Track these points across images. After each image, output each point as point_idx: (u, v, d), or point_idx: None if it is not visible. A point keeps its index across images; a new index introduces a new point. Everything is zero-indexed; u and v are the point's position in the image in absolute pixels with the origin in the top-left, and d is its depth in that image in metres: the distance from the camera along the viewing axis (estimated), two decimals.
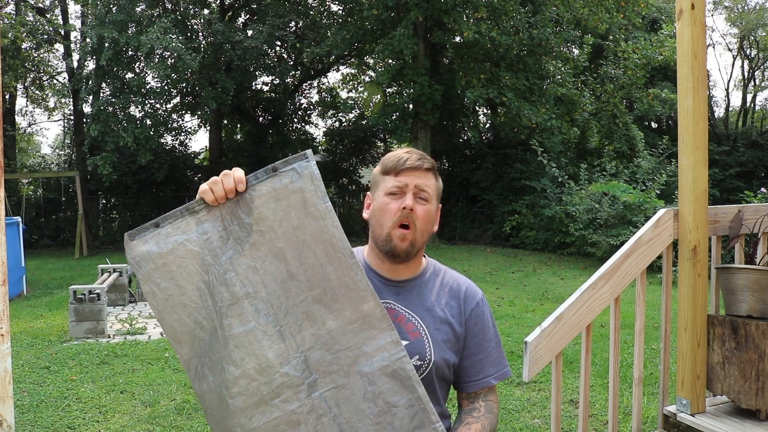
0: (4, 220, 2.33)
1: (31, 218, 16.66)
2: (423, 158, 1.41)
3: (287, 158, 1.29)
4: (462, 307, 1.44)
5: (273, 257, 1.23)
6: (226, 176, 1.27)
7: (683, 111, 2.65)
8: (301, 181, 1.26)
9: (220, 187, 1.25)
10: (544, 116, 13.79)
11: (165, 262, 1.24)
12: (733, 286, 2.67)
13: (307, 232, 1.24)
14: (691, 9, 2.62)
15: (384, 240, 1.38)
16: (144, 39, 13.00)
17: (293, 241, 1.24)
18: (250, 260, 1.23)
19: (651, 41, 14.98)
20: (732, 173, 17.98)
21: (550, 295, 8.31)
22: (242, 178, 1.26)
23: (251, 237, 1.24)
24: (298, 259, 1.23)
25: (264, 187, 1.26)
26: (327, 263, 1.24)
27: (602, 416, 3.79)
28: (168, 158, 18.06)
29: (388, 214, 1.37)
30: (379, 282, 1.42)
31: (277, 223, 1.24)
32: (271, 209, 1.25)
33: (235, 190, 1.26)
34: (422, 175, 1.39)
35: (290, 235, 1.24)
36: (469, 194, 17.44)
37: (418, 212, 1.36)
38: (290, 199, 1.25)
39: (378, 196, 1.41)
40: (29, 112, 22.06)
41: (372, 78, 19.64)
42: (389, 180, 1.39)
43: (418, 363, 1.35)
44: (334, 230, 1.25)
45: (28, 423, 3.83)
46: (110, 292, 7.60)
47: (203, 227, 1.25)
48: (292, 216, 1.24)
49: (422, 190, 1.38)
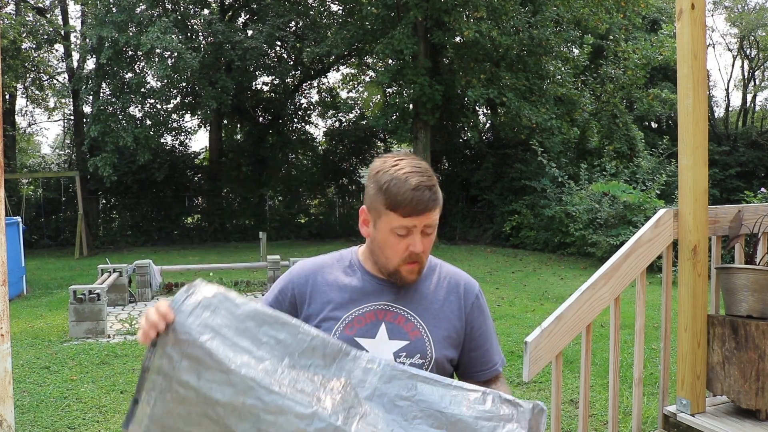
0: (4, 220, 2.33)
1: (31, 218, 16.66)
2: (432, 190, 1.29)
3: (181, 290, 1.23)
4: (462, 302, 1.44)
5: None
6: (149, 316, 1.18)
7: (683, 111, 2.65)
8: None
9: (148, 326, 1.16)
10: (544, 116, 13.79)
11: (164, 425, 1.16)
12: (733, 286, 2.67)
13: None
14: (691, 9, 2.62)
15: (391, 273, 1.37)
16: (144, 39, 13.00)
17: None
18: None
19: (651, 41, 14.98)
20: (732, 173, 17.97)
21: (550, 295, 8.31)
22: (165, 312, 1.16)
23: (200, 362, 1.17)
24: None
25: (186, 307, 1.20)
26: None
27: (602, 416, 3.79)
28: (168, 158, 18.07)
29: (395, 253, 1.33)
30: (377, 283, 1.41)
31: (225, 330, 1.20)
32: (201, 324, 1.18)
33: (163, 321, 1.16)
34: (432, 214, 1.31)
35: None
36: (469, 194, 17.44)
37: (425, 246, 1.34)
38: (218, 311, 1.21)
39: (381, 228, 1.33)
40: (29, 112, 22.06)
41: (372, 78, 19.64)
42: (395, 219, 1.29)
43: (419, 362, 1.35)
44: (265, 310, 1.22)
45: (28, 423, 3.83)
46: (110, 292, 7.60)
47: (168, 373, 1.17)
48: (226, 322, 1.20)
49: (430, 227, 1.33)
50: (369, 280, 1.41)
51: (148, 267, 8.34)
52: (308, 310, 1.41)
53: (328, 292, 1.41)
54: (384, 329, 1.36)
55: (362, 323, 1.36)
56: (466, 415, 1.18)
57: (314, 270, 1.45)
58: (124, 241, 17.31)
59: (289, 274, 1.47)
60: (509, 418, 1.19)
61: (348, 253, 1.48)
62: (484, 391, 1.21)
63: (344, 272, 1.44)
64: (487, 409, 1.19)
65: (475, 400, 1.20)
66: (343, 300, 1.39)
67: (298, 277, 1.45)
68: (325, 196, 20.34)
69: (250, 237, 17.72)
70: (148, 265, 8.35)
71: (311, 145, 20.83)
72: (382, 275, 1.41)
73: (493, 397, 1.20)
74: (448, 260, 1.55)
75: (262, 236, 10.91)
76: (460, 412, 1.18)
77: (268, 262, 8.65)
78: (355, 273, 1.43)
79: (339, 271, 1.44)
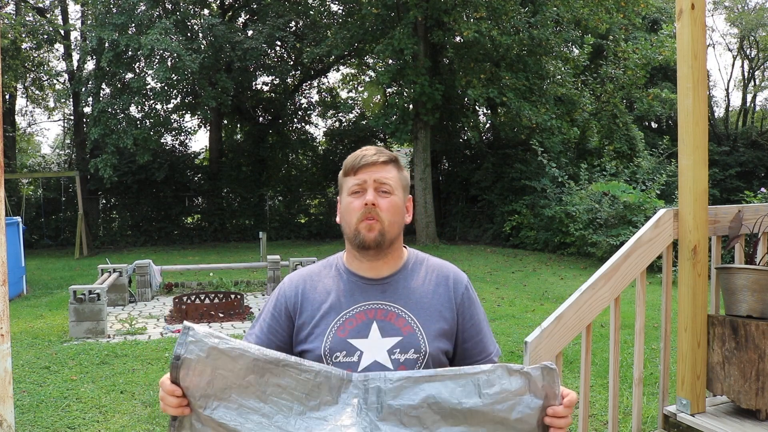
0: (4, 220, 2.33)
1: (31, 218, 16.67)
2: (379, 152, 1.42)
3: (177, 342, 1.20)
4: (452, 294, 1.45)
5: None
6: (164, 398, 1.20)
7: (683, 111, 2.65)
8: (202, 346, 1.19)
9: (171, 407, 1.20)
10: (544, 116, 13.79)
11: None
12: (733, 286, 2.67)
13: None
14: (691, 9, 2.62)
15: (353, 235, 1.39)
16: (144, 40, 13.00)
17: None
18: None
19: (651, 41, 14.98)
20: (732, 173, 17.98)
21: (550, 295, 8.31)
22: (173, 390, 1.19)
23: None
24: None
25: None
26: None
27: (602, 416, 3.79)
28: (168, 158, 18.08)
29: (352, 212, 1.39)
30: (363, 284, 1.42)
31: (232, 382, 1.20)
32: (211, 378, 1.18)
33: (181, 399, 1.19)
34: (380, 169, 1.40)
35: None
36: (469, 194, 17.44)
37: (381, 205, 1.38)
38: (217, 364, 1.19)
39: (343, 198, 1.43)
40: (29, 112, 22.10)
41: (372, 78, 19.64)
42: (350, 180, 1.41)
43: (414, 356, 1.36)
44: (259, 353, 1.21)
45: (28, 423, 3.83)
46: (110, 292, 7.60)
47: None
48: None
49: (383, 183, 1.39)
50: (355, 281, 1.43)
51: (148, 267, 8.34)
52: (300, 319, 1.42)
53: (317, 299, 1.42)
54: (376, 328, 1.37)
55: (353, 324, 1.37)
56: (481, 404, 1.18)
57: (303, 280, 1.47)
58: (124, 241, 17.31)
59: (279, 289, 1.49)
60: (522, 392, 1.19)
61: (334, 259, 1.51)
62: (491, 370, 1.20)
63: (331, 278, 1.45)
64: (498, 391, 1.19)
65: (484, 383, 1.19)
66: (332, 304, 1.40)
67: (288, 289, 1.47)
68: (325, 196, 20.34)
69: (250, 237, 17.72)
70: (148, 265, 8.35)
71: (311, 145, 20.83)
72: (368, 275, 1.43)
73: (500, 373, 1.20)
74: (449, 260, 1.55)
75: (262, 236, 10.91)
76: (474, 403, 1.18)
77: (268, 262, 8.65)
78: (341, 276, 1.45)
79: (327, 277, 1.46)
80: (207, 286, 9.27)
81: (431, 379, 1.21)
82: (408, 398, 1.19)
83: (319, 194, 20.41)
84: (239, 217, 18.71)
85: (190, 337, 1.17)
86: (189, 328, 1.18)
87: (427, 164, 15.35)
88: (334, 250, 1.56)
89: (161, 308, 7.75)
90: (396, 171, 1.43)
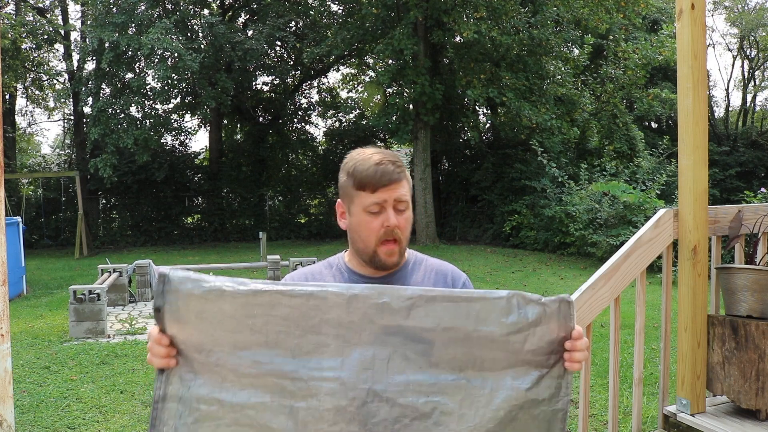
0: (4, 220, 2.33)
1: (31, 218, 16.67)
2: (395, 164, 1.34)
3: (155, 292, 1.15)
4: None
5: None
6: (151, 348, 1.17)
7: (683, 111, 2.65)
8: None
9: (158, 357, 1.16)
10: (544, 116, 13.79)
11: None
12: (733, 286, 2.67)
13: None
14: (691, 9, 2.62)
15: (370, 256, 1.37)
16: (144, 40, 13.00)
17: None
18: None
19: (651, 41, 14.98)
20: (732, 173, 17.98)
21: (550, 295, 8.31)
22: (160, 339, 1.15)
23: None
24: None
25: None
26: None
27: (602, 416, 3.79)
28: (168, 158, 18.08)
29: (371, 232, 1.35)
30: (364, 282, 1.42)
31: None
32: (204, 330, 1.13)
33: (168, 349, 1.15)
34: (399, 186, 1.34)
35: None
36: (469, 194, 17.44)
37: (401, 224, 1.35)
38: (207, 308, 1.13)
39: (355, 211, 1.37)
40: (29, 112, 22.07)
41: (372, 78, 19.65)
42: (366, 197, 1.34)
43: None
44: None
45: (28, 423, 3.83)
46: (110, 292, 7.60)
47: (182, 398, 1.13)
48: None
49: (401, 201, 1.35)
50: (357, 280, 1.42)
51: (148, 267, 8.34)
52: None
53: None
54: None
55: None
56: (498, 332, 1.16)
57: (303, 278, 1.47)
58: (124, 241, 17.31)
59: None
60: (537, 322, 1.17)
61: (335, 259, 1.50)
62: (508, 297, 1.17)
63: (333, 277, 1.45)
64: (515, 321, 1.16)
65: (501, 311, 1.16)
66: None
67: None
68: (325, 196, 20.33)
69: (250, 237, 17.72)
70: (148, 265, 8.35)
71: (311, 145, 20.83)
72: (369, 274, 1.42)
73: (517, 301, 1.17)
74: (449, 260, 1.55)
75: (262, 236, 10.91)
76: (490, 331, 1.16)
77: (268, 262, 8.65)
78: (342, 275, 1.45)
79: (328, 276, 1.46)
80: None
81: (446, 299, 1.16)
82: (420, 320, 1.15)
83: (319, 194, 20.41)
84: (239, 217, 18.71)
85: (166, 286, 1.13)
86: (164, 276, 1.13)
87: (427, 164, 15.35)
88: (334, 250, 1.55)
89: None
90: (407, 181, 1.38)
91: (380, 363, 1.14)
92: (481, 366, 1.16)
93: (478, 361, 1.16)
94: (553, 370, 1.18)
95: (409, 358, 1.15)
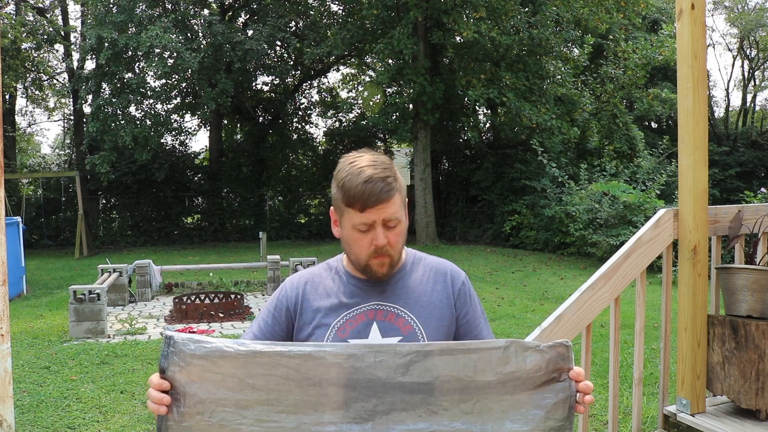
0: (4, 220, 2.33)
1: (31, 218, 16.66)
2: (385, 182, 1.29)
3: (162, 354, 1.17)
4: (450, 290, 1.45)
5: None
6: (151, 395, 1.16)
7: (683, 111, 2.65)
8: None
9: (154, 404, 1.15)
10: (544, 116, 13.79)
11: None
12: (733, 286, 2.67)
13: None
14: (691, 9, 2.62)
15: (363, 268, 1.38)
16: (144, 37, 12.99)
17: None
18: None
19: (651, 41, 14.99)
20: (732, 173, 17.98)
21: (550, 295, 8.31)
22: (160, 384, 1.15)
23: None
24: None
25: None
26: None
27: (602, 416, 3.79)
28: (168, 158, 18.08)
29: (361, 248, 1.34)
30: (363, 285, 1.42)
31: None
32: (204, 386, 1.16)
33: (163, 396, 1.15)
34: (388, 206, 1.30)
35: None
36: (469, 194, 17.44)
37: (391, 241, 1.34)
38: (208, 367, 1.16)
39: (345, 225, 1.35)
40: (29, 112, 22.09)
41: (372, 78, 19.64)
42: (354, 215, 1.31)
43: None
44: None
45: (28, 423, 3.83)
46: (110, 292, 7.60)
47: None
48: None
49: (390, 220, 1.32)
50: (355, 283, 1.43)
51: (148, 267, 8.34)
52: (300, 321, 1.42)
53: (317, 301, 1.42)
54: (376, 328, 1.38)
55: (354, 325, 1.38)
56: (496, 382, 1.17)
57: (304, 281, 1.47)
58: (124, 241, 17.31)
59: (280, 290, 1.49)
60: (536, 369, 1.18)
61: (334, 261, 1.50)
62: (506, 347, 1.18)
63: (332, 279, 1.45)
64: (513, 370, 1.17)
65: (499, 361, 1.17)
66: (332, 306, 1.41)
67: (290, 290, 1.46)
68: (325, 196, 20.33)
69: (250, 237, 17.72)
70: (148, 265, 8.35)
71: (311, 145, 20.83)
72: (366, 277, 1.42)
73: (515, 349, 1.18)
74: (449, 260, 1.55)
75: (262, 236, 10.91)
76: (488, 381, 1.17)
77: (268, 262, 8.65)
78: (341, 278, 1.45)
79: (327, 279, 1.46)
80: (207, 286, 9.27)
81: (443, 352, 1.18)
82: (419, 374, 1.17)
83: (319, 194, 20.41)
84: (239, 217, 18.71)
85: (171, 348, 1.16)
86: (170, 338, 1.16)
87: (427, 164, 15.34)
88: (334, 250, 1.54)
89: (161, 308, 7.75)
90: (398, 193, 1.33)
91: (381, 414, 1.16)
92: (480, 411, 1.18)
93: (477, 408, 1.18)
94: (555, 413, 1.19)
95: (408, 409, 1.17)
